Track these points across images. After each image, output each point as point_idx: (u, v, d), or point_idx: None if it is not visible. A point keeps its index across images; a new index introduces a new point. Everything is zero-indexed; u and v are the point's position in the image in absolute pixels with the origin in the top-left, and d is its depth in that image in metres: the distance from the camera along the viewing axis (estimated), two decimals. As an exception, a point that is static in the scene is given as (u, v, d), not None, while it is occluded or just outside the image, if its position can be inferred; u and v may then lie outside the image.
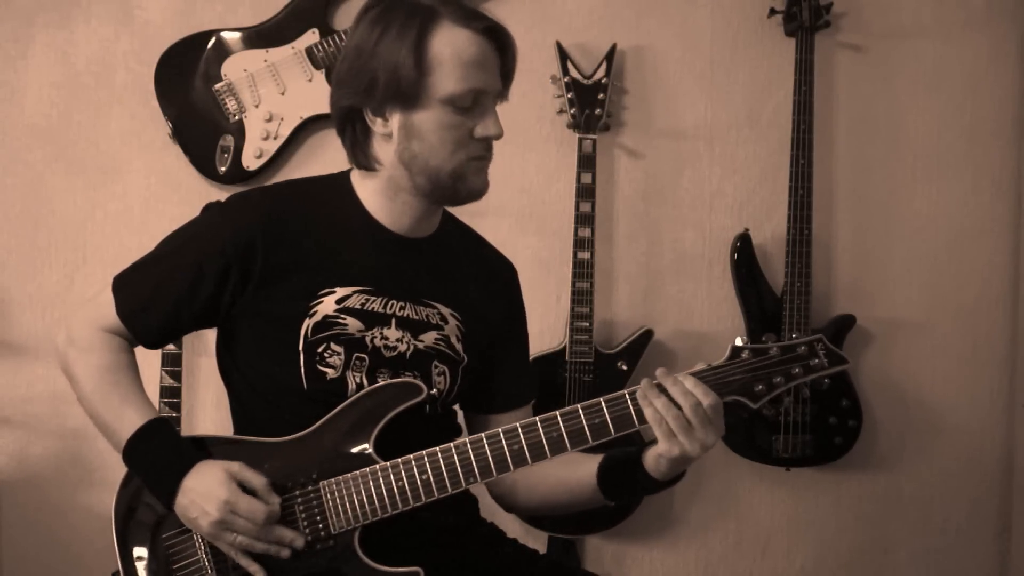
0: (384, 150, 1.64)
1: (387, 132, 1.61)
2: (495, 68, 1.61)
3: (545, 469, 1.64)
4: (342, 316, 1.63)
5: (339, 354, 1.63)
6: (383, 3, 1.60)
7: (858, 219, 2.79)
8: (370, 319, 1.64)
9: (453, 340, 1.71)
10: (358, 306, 1.64)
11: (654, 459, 1.56)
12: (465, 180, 1.62)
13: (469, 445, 1.57)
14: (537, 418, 1.56)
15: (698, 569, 2.81)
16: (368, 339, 1.64)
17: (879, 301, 2.78)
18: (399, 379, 1.64)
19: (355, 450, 1.58)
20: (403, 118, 1.59)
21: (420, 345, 1.68)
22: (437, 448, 1.57)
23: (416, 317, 1.68)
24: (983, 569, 2.83)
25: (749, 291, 2.67)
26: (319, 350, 1.62)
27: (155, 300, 1.65)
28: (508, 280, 1.85)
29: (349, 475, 1.57)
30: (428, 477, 1.56)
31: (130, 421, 1.59)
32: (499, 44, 1.61)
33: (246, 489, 1.54)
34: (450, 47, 1.56)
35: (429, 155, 1.60)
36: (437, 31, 1.56)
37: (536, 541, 2.58)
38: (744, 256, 2.68)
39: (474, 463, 1.56)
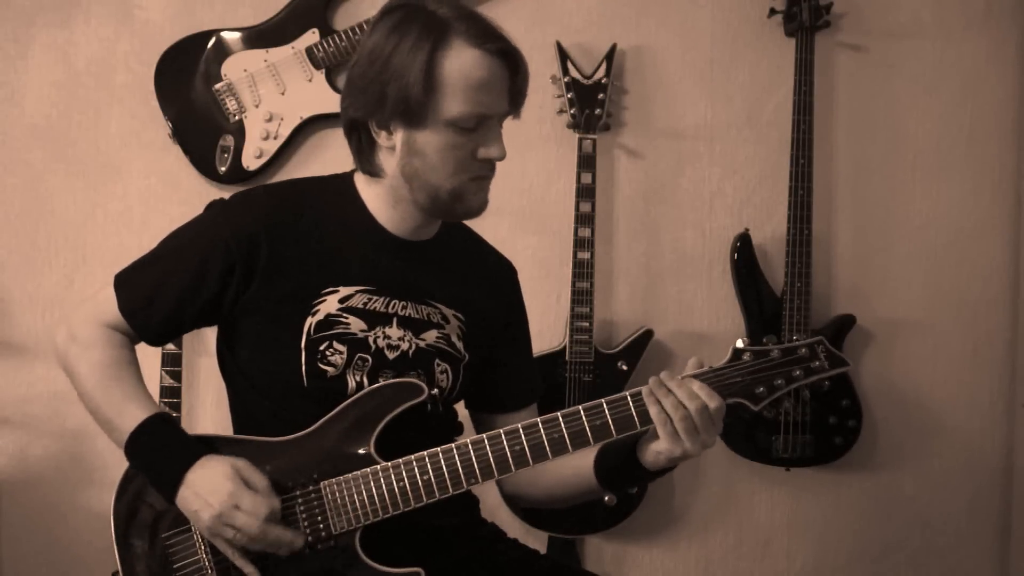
0: (388, 161, 1.64)
1: (391, 145, 1.62)
2: (503, 89, 1.60)
3: (546, 464, 1.65)
4: (345, 315, 1.64)
5: (341, 353, 1.63)
6: (401, 11, 1.59)
7: (858, 219, 2.79)
8: (372, 319, 1.65)
9: (454, 338, 1.71)
10: (360, 305, 1.64)
11: (652, 455, 1.56)
12: (464, 199, 1.62)
13: (470, 446, 1.57)
14: (539, 419, 1.57)
15: (698, 569, 2.81)
16: (371, 339, 1.64)
17: (879, 301, 2.78)
18: (400, 379, 1.64)
19: (356, 450, 1.58)
20: (407, 135, 1.59)
21: (422, 343, 1.68)
22: (438, 449, 1.57)
23: (417, 316, 1.68)
24: (983, 569, 2.84)
25: (749, 291, 2.67)
26: (321, 348, 1.62)
27: (158, 297, 1.65)
28: (508, 280, 1.86)
29: (350, 475, 1.57)
30: (429, 478, 1.56)
31: (132, 416, 1.59)
32: (511, 65, 1.60)
33: (249, 487, 1.53)
34: (459, 69, 1.55)
35: (430, 173, 1.60)
36: (449, 50, 1.55)
37: (536, 541, 2.58)
38: (744, 256, 2.68)
39: (475, 464, 1.56)
